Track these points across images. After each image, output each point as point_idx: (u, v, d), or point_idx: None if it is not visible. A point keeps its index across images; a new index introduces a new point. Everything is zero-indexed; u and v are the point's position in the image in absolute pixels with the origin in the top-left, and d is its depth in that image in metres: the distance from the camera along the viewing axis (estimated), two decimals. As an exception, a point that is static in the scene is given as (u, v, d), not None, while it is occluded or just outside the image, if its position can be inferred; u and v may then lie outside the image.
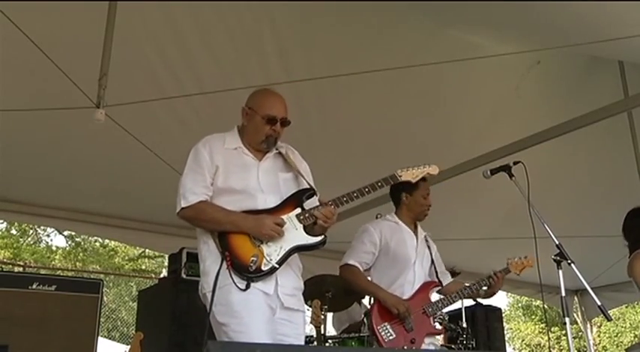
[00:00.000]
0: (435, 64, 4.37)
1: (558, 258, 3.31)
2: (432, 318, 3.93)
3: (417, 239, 4.10)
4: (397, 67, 4.37)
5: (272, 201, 2.90)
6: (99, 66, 3.86)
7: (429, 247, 4.16)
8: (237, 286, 2.70)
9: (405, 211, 4.16)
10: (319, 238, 2.89)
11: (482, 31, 4.67)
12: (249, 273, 2.73)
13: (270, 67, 4.76)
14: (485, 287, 4.03)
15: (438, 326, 3.98)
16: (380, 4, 4.24)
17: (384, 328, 3.83)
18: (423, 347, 3.83)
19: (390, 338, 3.80)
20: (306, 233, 2.88)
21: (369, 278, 4.12)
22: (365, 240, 4.07)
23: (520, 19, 3.94)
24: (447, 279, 4.21)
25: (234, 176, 2.93)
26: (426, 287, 4.02)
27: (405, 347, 3.76)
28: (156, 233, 6.93)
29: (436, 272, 4.11)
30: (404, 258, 4.01)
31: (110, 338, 13.14)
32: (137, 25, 4.26)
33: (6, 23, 3.78)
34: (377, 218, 4.98)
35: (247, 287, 2.71)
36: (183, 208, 2.87)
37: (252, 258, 2.75)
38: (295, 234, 2.85)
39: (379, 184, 3.00)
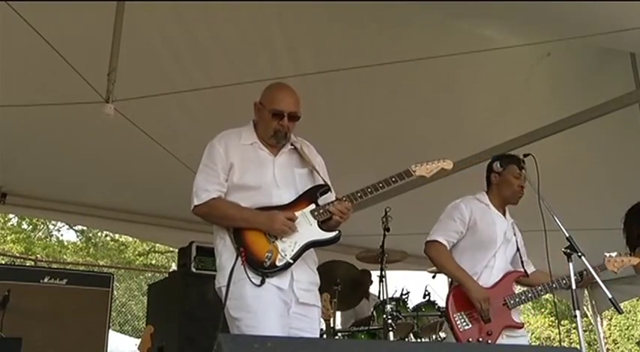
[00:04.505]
0: (445, 56, 4.35)
1: (569, 250, 3.30)
2: (512, 311, 3.78)
3: (506, 224, 3.94)
4: (406, 59, 4.35)
5: (287, 197, 2.91)
6: (108, 60, 3.87)
7: (514, 234, 3.96)
8: (251, 281, 2.72)
9: (495, 192, 3.99)
10: (334, 233, 2.90)
11: (493, 24, 4.64)
12: (264, 269, 2.75)
13: (279, 61, 4.75)
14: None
15: (518, 319, 3.82)
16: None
17: (461, 316, 3.74)
18: (501, 340, 3.67)
19: (466, 327, 3.71)
20: (321, 228, 2.88)
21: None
22: (455, 216, 3.89)
23: (531, 11, 3.91)
24: (529, 269, 3.97)
25: (250, 172, 2.94)
26: (509, 277, 3.86)
27: (481, 340, 3.63)
28: (165, 227, 6.99)
29: (521, 261, 3.91)
30: (490, 242, 3.85)
31: (121, 332, 13.20)
32: (146, 19, 4.25)
33: (15, 18, 3.79)
34: (386, 212, 4.99)
35: (262, 282, 2.73)
36: (196, 206, 2.89)
37: (267, 254, 2.76)
38: (310, 229, 2.86)
39: (393, 179, 2.98)
